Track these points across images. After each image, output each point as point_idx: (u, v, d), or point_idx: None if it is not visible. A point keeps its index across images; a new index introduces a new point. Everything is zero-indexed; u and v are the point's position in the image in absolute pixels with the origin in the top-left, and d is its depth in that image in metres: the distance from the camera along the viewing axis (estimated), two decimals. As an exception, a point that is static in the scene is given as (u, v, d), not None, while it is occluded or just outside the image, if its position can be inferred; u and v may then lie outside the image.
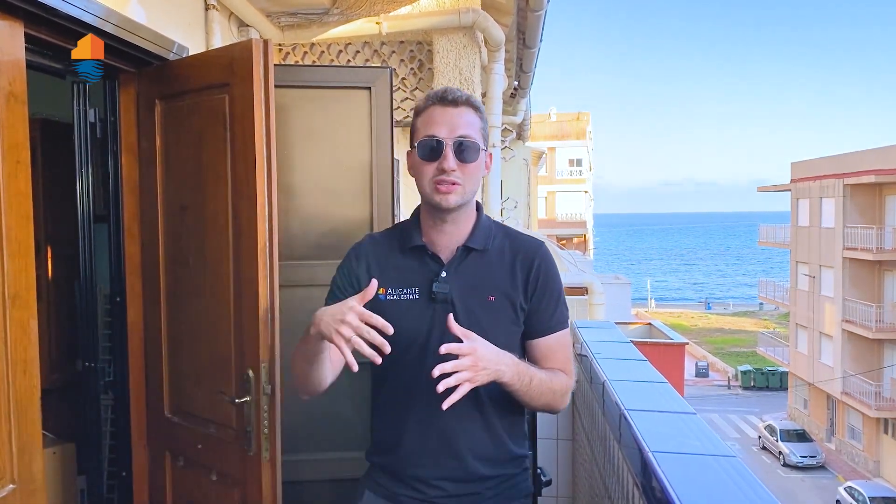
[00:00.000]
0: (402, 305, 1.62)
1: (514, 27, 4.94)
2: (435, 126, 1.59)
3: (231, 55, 2.29)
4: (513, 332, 1.65)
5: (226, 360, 2.34)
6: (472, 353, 1.44)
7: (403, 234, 1.70)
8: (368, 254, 1.69)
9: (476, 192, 1.67)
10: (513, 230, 1.77)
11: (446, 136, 1.58)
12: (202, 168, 2.41)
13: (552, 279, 1.68)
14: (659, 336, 14.93)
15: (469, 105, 1.62)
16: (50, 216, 3.40)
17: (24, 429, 1.92)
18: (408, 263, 1.66)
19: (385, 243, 1.71)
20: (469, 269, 1.64)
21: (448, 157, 1.57)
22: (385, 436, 1.71)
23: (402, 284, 1.64)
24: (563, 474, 2.89)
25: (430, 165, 1.58)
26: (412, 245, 1.66)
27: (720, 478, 1.26)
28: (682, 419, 1.63)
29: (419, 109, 1.65)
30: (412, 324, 1.60)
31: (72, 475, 3.31)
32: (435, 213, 1.63)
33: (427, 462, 1.64)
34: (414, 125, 1.66)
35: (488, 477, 1.66)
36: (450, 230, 1.65)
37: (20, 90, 1.91)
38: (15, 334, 1.89)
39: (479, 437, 1.65)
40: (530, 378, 1.57)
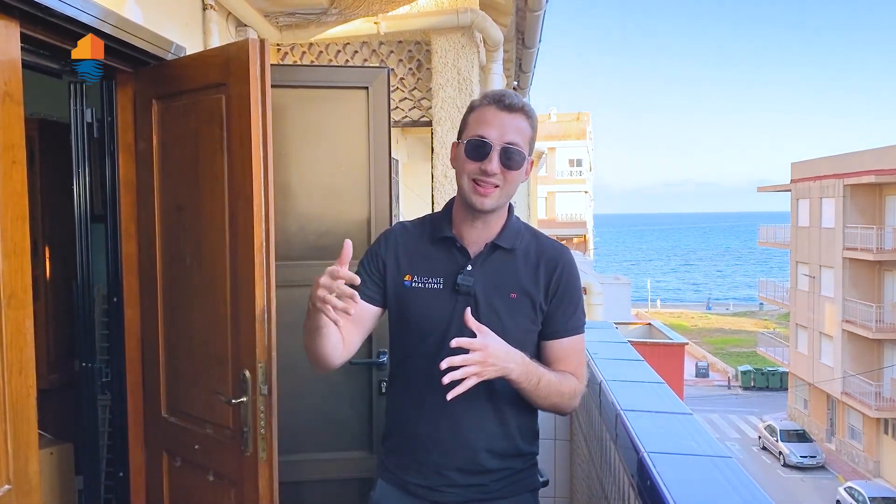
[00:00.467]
0: (425, 294, 1.67)
1: (513, 27, 4.94)
2: (486, 127, 1.61)
3: (227, 55, 2.29)
4: (530, 331, 1.69)
5: (222, 360, 2.34)
6: (484, 348, 1.48)
7: (434, 225, 1.74)
8: (398, 240, 1.74)
9: (512, 197, 1.71)
10: (541, 234, 1.81)
11: (495, 139, 1.60)
12: (199, 168, 2.41)
13: (573, 284, 1.72)
14: (659, 336, 14.94)
15: (523, 113, 1.64)
16: (48, 216, 3.40)
17: (19, 429, 1.92)
18: (435, 253, 1.70)
19: (415, 232, 1.76)
20: (494, 265, 1.68)
21: (493, 161, 1.60)
22: (399, 421, 1.75)
23: (427, 273, 1.68)
24: (560, 475, 2.89)
25: (474, 164, 1.62)
26: (441, 236, 1.70)
27: (715, 478, 1.26)
28: (679, 420, 1.62)
29: (474, 106, 1.68)
30: (433, 313, 1.65)
31: (70, 475, 3.31)
32: (469, 210, 1.66)
33: (438, 450, 1.67)
34: (465, 120, 1.68)
35: (495, 470, 1.69)
36: (480, 227, 1.69)
37: (16, 90, 1.91)
38: (10, 335, 1.89)
39: (492, 430, 1.68)
40: (538, 378, 1.60)
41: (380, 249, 1.74)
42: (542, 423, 2.86)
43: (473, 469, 1.68)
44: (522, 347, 1.60)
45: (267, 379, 2.22)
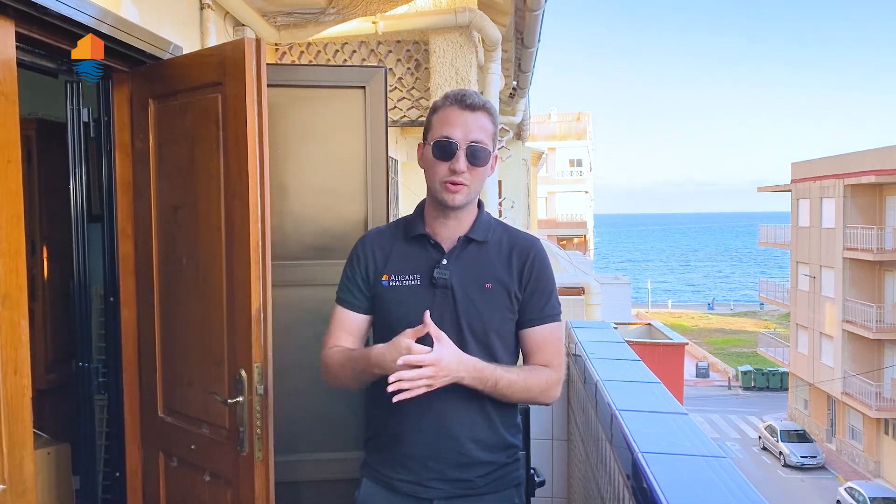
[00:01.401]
0: (403, 291, 1.73)
1: (512, 27, 4.93)
2: (450, 127, 1.68)
3: (223, 54, 2.28)
4: (507, 319, 1.74)
5: (218, 360, 2.33)
6: (436, 363, 1.55)
7: (407, 225, 1.81)
8: (374, 244, 1.80)
9: (479, 192, 1.78)
10: (511, 227, 1.87)
11: (460, 138, 1.67)
12: (195, 167, 2.40)
13: (545, 273, 1.78)
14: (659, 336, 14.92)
15: (485, 111, 1.71)
16: (46, 215, 3.39)
17: (14, 429, 1.92)
18: (410, 251, 1.76)
19: (389, 233, 1.83)
20: (469, 258, 1.74)
21: (460, 160, 1.67)
22: (383, 419, 1.77)
23: (404, 271, 1.74)
24: (558, 475, 2.88)
25: (443, 164, 1.68)
26: (415, 234, 1.76)
27: (709, 478, 1.25)
28: (674, 419, 1.62)
29: (437, 107, 1.74)
30: (412, 308, 1.68)
31: (67, 475, 3.31)
32: (440, 208, 1.73)
33: (423, 443, 1.70)
34: (429, 121, 1.74)
35: (483, 462, 1.72)
36: (452, 224, 1.75)
37: (10, 89, 1.90)
38: (5, 334, 1.89)
39: (476, 420, 1.72)
40: (494, 382, 1.66)
41: (359, 257, 1.80)
42: (540, 424, 2.87)
43: (461, 461, 1.71)
44: (502, 337, 1.72)
45: (263, 379, 2.21)
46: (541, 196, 32.22)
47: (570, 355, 2.84)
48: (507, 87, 6.58)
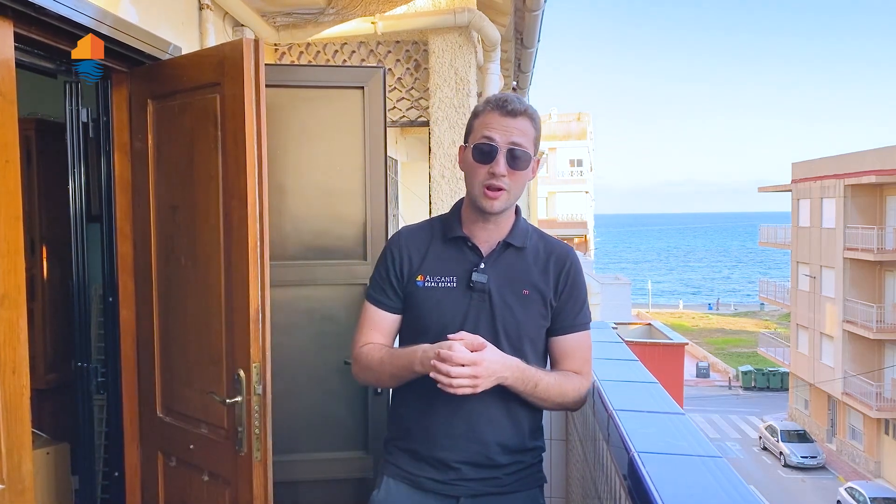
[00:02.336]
0: (439, 292, 1.72)
1: (512, 27, 4.93)
2: (492, 131, 1.67)
3: (222, 54, 2.29)
4: (541, 326, 1.75)
5: (217, 360, 2.34)
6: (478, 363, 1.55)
7: (444, 225, 1.79)
8: (408, 244, 1.78)
9: (519, 197, 1.77)
10: (547, 235, 1.87)
11: (500, 141, 1.66)
12: (193, 168, 2.41)
13: (580, 281, 1.80)
14: (659, 336, 14.93)
15: (526, 115, 1.69)
16: (45, 215, 3.40)
17: (13, 429, 1.92)
18: (447, 253, 1.75)
19: (423, 233, 1.80)
20: (506, 263, 1.74)
21: (500, 163, 1.66)
22: (412, 418, 1.77)
23: (440, 272, 1.73)
24: (556, 475, 2.89)
25: (482, 168, 1.67)
26: (453, 236, 1.75)
27: (705, 478, 1.26)
28: (671, 419, 1.62)
29: (478, 111, 1.72)
30: (448, 310, 1.70)
31: (66, 475, 3.31)
32: (479, 212, 1.72)
33: (451, 445, 1.71)
34: (470, 125, 1.74)
35: (505, 464, 1.74)
36: (491, 227, 1.75)
37: (8, 89, 1.91)
38: (4, 334, 1.89)
39: (503, 425, 1.73)
40: (535, 383, 1.67)
41: (394, 256, 1.78)
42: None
43: (485, 463, 1.72)
44: (534, 343, 1.72)
45: (261, 379, 2.22)
46: (541, 196, 32.24)
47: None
48: (506, 87, 6.58)
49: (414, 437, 1.77)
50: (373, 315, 1.80)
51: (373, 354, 1.75)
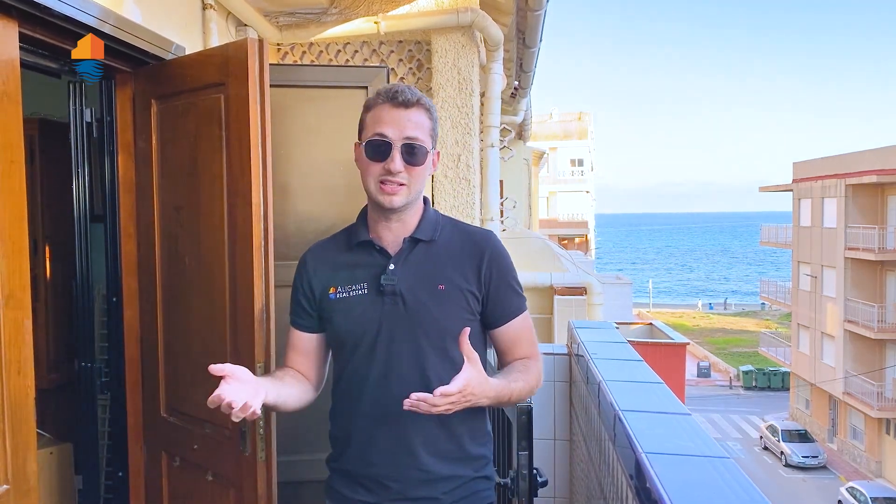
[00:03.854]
0: (351, 302, 1.64)
1: (514, 27, 4.93)
2: (383, 125, 1.58)
3: (226, 55, 2.28)
4: (466, 321, 1.61)
5: (221, 360, 2.30)
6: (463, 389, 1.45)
7: (350, 233, 1.72)
8: (316, 259, 1.72)
9: (422, 191, 1.69)
10: (462, 223, 1.78)
11: (394, 137, 1.57)
12: (197, 168, 2.40)
13: (505, 266, 1.69)
14: (660, 336, 14.92)
15: (420, 106, 1.61)
16: (48, 216, 3.40)
17: (18, 429, 1.92)
18: (355, 260, 1.67)
19: (331, 245, 1.74)
20: (417, 260, 1.64)
21: (395, 159, 1.57)
22: (338, 435, 1.71)
23: (350, 281, 1.65)
24: (560, 475, 2.89)
25: (377, 165, 1.59)
26: (359, 241, 1.67)
27: (713, 479, 1.25)
28: (677, 420, 1.62)
29: (369, 105, 1.64)
30: (362, 319, 1.62)
31: (69, 475, 3.31)
32: (381, 210, 1.63)
33: (380, 460, 1.62)
34: (363, 120, 1.65)
35: (445, 477, 1.62)
36: (396, 226, 1.66)
37: (14, 90, 1.90)
38: (9, 334, 1.89)
39: (432, 431, 1.61)
40: (509, 396, 1.60)
41: (303, 275, 1.72)
42: (543, 424, 2.87)
43: (419, 476, 1.61)
44: (455, 338, 1.52)
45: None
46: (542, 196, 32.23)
47: (573, 356, 2.84)
48: (508, 86, 6.58)
49: (346, 455, 1.67)
50: (292, 336, 1.76)
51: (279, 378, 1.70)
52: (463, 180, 3.85)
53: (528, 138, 11.41)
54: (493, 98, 4.24)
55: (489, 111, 4.20)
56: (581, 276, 6.41)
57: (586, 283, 6.17)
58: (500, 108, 4.35)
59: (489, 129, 4.19)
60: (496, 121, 4.25)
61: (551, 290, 6.26)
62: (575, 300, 5.98)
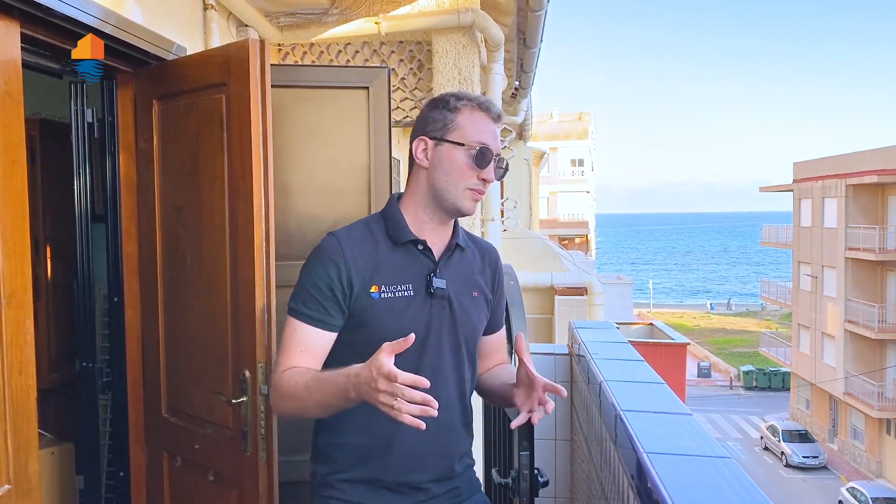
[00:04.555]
0: (397, 302, 1.56)
1: (515, 27, 4.93)
2: (487, 136, 1.59)
3: (227, 55, 2.29)
4: (484, 326, 1.72)
5: (222, 360, 2.34)
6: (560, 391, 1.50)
7: (391, 229, 1.62)
8: (352, 252, 1.56)
9: None
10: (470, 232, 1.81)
11: (494, 149, 1.59)
12: (199, 168, 2.41)
13: (504, 280, 1.80)
14: (660, 336, 14.92)
15: (500, 121, 1.66)
16: (49, 216, 3.40)
17: (19, 429, 1.92)
18: (398, 258, 1.60)
19: (365, 238, 1.60)
20: (456, 265, 1.66)
21: (492, 172, 1.60)
22: (365, 443, 1.60)
23: (395, 281, 1.57)
24: (561, 475, 2.89)
25: (474, 172, 1.57)
26: (406, 240, 1.60)
27: (714, 479, 1.25)
28: (678, 420, 1.62)
29: (460, 107, 1.60)
30: (409, 321, 1.55)
31: (70, 475, 3.31)
32: (444, 214, 1.62)
33: (418, 465, 1.60)
34: (456, 121, 1.59)
35: (460, 473, 1.69)
36: (444, 230, 1.65)
37: (15, 90, 1.91)
38: (11, 334, 1.89)
39: (462, 434, 1.68)
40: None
41: (340, 266, 1.54)
42: (544, 424, 2.87)
43: (448, 475, 1.65)
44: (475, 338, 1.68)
45: (267, 379, 2.21)
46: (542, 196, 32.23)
47: (574, 356, 2.84)
48: (509, 87, 6.58)
49: (374, 464, 1.59)
50: (306, 336, 1.55)
51: (296, 380, 1.50)
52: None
53: (529, 138, 11.41)
54: (493, 98, 4.24)
55: (490, 111, 4.20)
56: (581, 277, 6.42)
57: (587, 284, 6.18)
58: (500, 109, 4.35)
59: (490, 130, 4.19)
60: (497, 121, 4.25)
61: (552, 290, 6.26)
62: (575, 300, 5.98)
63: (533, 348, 2.57)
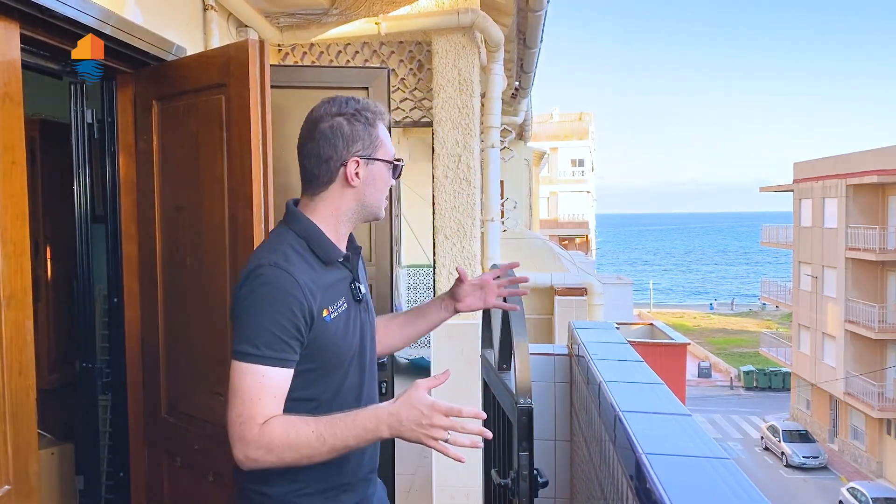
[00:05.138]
0: (341, 319, 1.56)
1: (515, 27, 4.93)
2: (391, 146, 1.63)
3: (227, 56, 2.29)
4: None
5: (222, 360, 2.32)
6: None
7: (318, 249, 1.56)
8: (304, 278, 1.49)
9: None
10: None
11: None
12: (198, 169, 2.41)
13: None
14: (661, 336, 14.92)
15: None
16: (49, 216, 3.40)
17: (19, 430, 1.92)
18: (331, 277, 1.58)
19: (306, 263, 1.53)
20: (357, 265, 1.69)
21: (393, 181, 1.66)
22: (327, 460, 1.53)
23: (334, 299, 1.56)
24: (561, 475, 2.89)
25: (389, 183, 1.63)
26: (338, 258, 1.59)
27: (713, 480, 1.26)
28: (677, 421, 1.62)
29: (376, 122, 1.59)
30: (352, 334, 1.59)
31: (70, 475, 3.31)
32: (362, 222, 1.65)
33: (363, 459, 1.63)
34: (377, 135, 1.59)
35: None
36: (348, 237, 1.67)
37: (15, 91, 1.91)
38: (10, 335, 1.89)
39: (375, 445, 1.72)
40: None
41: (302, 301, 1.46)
42: (543, 425, 2.87)
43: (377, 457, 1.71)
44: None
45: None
46: (543, 196, 32.25)
47: (573, 356, 2.84)
48: (509, 87, 6.58)
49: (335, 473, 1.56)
50: (277, 380, 1.44)
51: (296, 430, 1.41)
52: (464, 181, 3.85)
53: (529, 139, 11.41)
54: (493, 99, 4.24)
55: (490, 112, 4.20)
56: (582, 277, 6.42)
57: (587, 284, 6.18)
58: (500, 109, 4.35)
59: (490, 130, 4.19)
60: (497, 121, 4.25)
61: (552, 290, 6.26)
62: (575, 300, 5.99)
63: (532, 349, 2.57)
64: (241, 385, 1.43)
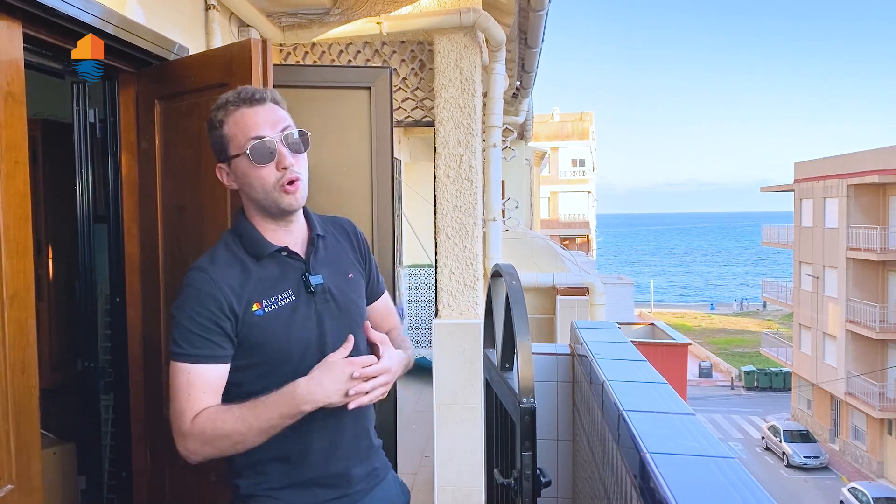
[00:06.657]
0: (283, 312, 1.55)
1: (516, 27, 4.93)
2: (256, 128, 1.52)
3: (229, 55, 2.29)
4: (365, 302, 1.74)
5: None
6: (388, 370, 1.52)
7: (248, 246, 1.58)
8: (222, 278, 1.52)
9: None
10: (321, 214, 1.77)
11: (273, 133, 1.52)
12: (201, 168, 2.41)
13: (368, 242, 1.82)
14: (662, 336, 14.91)
15: (274, 101, 1.58)
16: (51, 216, 3.40)
17: (22, 429, 1.92)
18: (270, 271, 1.57)
19: (231, 262, 1.56)
20: (325, 256, 1.66)
21: (285, 154, 1.53)
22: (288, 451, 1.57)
23: (274, 292, 1.55)
24: (563, 475, 2.88)
25: (267, 168, 1.52)
26: (268, 252, 1.58)
27: (717, 479, 1.25)
28: (681, 420, 1.62)
29: (222, 118, 1.55)
30: (301, 325, 1.56)
31: (72, 475, 3.31)
32: (280, 216, 1.58)
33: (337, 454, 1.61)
34: (223, 134, 1.55)
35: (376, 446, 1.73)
36: (295, 227, 1.63)
37: (18, 90, 1.91)
38: (13, 335, 1.89)
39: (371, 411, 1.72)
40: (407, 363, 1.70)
41: (216, 297, 1.49)
42: (546, 424, 2.87)
43: (366, 456, 1.67)
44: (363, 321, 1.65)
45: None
46: (543, 196, 32.29)
47: (576, 356, 2.84)
48: (510, 87, 6.58)
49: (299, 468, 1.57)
50: (203, 375, 1.49)
51: (222, 418, 1.46)
52: (465, 181, 3.85)
53: (530, 138, 11.42)
54: (495, 98, 4.24)
55: (491, 111, 4.20)
56: (583, 277, 6.41)
57: (588, 284, 6.17)
58: (502, 109, 4.35)
59: (491, 130, 4.19)
60: (499, 121, 4.25)
61: (553, 290, 6.25)
62: (577, 300, 5.98)
63: (535, 348, 2.57)
64: (173, 383, 1.51)
